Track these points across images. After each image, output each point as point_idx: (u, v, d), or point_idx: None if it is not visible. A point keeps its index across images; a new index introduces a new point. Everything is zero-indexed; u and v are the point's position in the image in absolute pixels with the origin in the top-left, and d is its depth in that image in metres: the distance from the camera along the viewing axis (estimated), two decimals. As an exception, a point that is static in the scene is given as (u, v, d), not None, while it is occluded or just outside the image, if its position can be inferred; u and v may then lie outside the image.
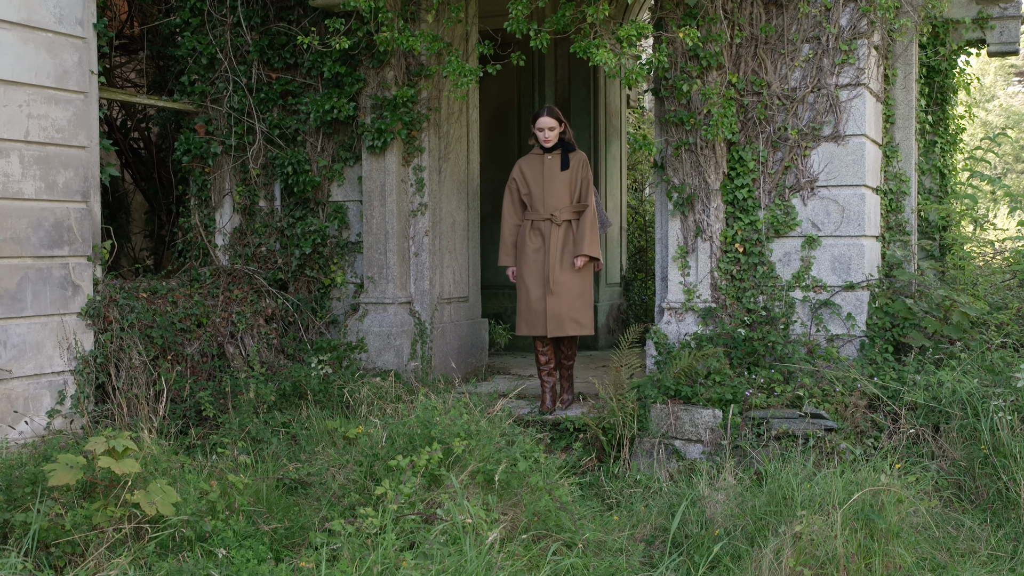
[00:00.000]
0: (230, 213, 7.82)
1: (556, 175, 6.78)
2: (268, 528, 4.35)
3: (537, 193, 6.81)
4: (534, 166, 6.87)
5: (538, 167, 6.85)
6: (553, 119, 6.77)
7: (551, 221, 6.75)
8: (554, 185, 6.77)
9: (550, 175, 6.79)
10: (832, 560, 3.96)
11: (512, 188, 6.95)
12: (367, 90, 7.37)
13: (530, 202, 6.86)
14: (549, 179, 6.79)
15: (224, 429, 5.99)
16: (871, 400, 5.87)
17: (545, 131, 6.74)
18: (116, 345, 6.31)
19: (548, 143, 6.79)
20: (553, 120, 6.77)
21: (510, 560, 3.81)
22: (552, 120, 6.76)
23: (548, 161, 6.83)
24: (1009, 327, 6.21)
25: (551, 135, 6.77)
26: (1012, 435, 5.05)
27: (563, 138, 6.83)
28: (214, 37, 7.61)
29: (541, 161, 6.85)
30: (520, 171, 6.93)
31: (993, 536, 4.69)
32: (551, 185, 6.78)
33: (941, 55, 8.44)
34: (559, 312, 6.70)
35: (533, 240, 6.82)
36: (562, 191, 6.77)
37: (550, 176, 6.79)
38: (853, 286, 6.63)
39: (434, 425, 4.69)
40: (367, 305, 7.41)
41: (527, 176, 6.87)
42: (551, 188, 6.77)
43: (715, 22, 6.66)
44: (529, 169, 6.88)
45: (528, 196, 6.86)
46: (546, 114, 6.78)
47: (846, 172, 6.66)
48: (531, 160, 6.92)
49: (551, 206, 6.76)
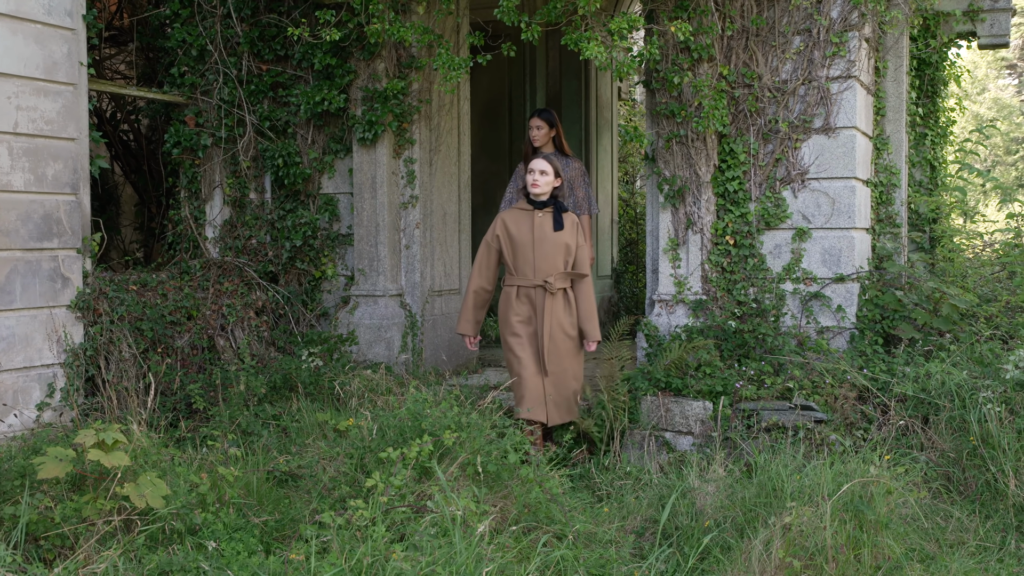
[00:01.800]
0: (220, 205, 7.80)
1: (548, 236, 5.99)
2: (258, 521, 4.35)
3: (525, 255, 5.98)
4: (522, 224, 6.04)
5: (526, 225, 6.02)
6: (547, 164, 6.08)
7: (544, 289, 5.94)
8: (546, 247, 5.96)
9: (541, 235, 5.99)
10: (821, 551, 3.98)
11: (492, 247, 6.08)
12: (358, 82, 7.35)
13: (515, 265, 6.03)
14: (541, 240, 5.97)
15: (214, 422, 5.98)
16: (861, 392, 5.89)
17: (535, 173, 6.06)
18: (106, 338, 6.29)
19: (537, 187, 6.05)
20: (547, 164, 6.08)
21: (500, 552, 3.81)
22: (546, 164, 6.08)
23: (539, 219, 6.03)
24: (998, 319, 6.23)
25: (541, 180, 6.05)
26: (1001, 427, 5.07)
27: (555, 194, 6.15)
28: (204, 28, 7.58)
29: (531, 219, 6.03)
30: (504, 228, 6.06)
31: (982, 527, 4.71)
32: (543, 247, 5.96)
33: (932, 48, 8.45)
34: (558, 397, 6.00)
35: (520, 309, 5.99)
36: (555, 254, 5.96)
37: (541, 237, 5.98)
38: (843, 278, 6.65)
39: (424, 417, 4.69)
40: (358, 297, 7.40)
41: (513, 235, 6.02)
42: (543, 250, 5.96)
43: (706, 14, 6.66)
44: (516, 226, 6.03)
45: (513, 258, 6.03)
46: (541, 158, 6.12)
47: (836, 164, 6.67)
48: (518, 216, 6.08)
49: (544, 271, 5.95)
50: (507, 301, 6.01)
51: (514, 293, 5.99)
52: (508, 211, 6.15)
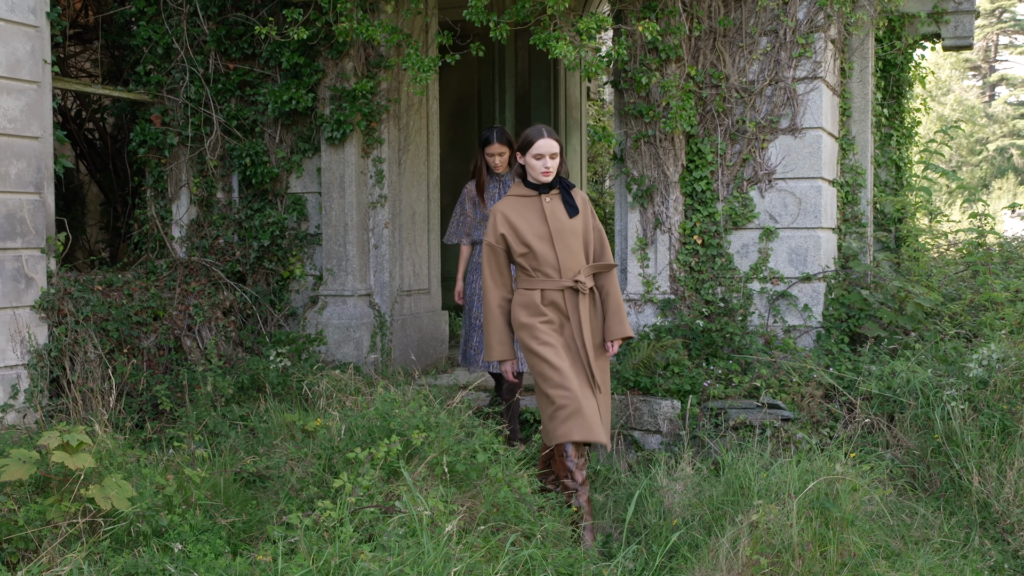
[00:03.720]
0: (187, 205, 7.74)
1: (566, 225, 4.90)
2: (225, 522, 4.31)
3: (545, 253, 4.86)
4: (528, 214, 4.91)
5: (535, 215, 4.90)
6: (555, 142, 4.91)
7: (576, 290, 4.88)
8: (567, 239, 4.88)
9: (558, 226, 4.88)
10: (788, 548, 4.00)
11: (498, 249, 4.93)
12: (326, 81, 7.32)
13: (531, 265, 4.89)
14: (559, 232, 4.87)
15: (181, 423, 5.94)
16: (827, 390, 5.93)
17: (546, 158, 4.86)
18: (71, 338, 6.22)
19: (549, 175, 4.88)
20: (555, 143, 4.90)
21: (468, 551, 3.81)
22: (554, 143, 4.90)
23: (548, 206, 4.91)
24: (962, 318, 6.30)
25: (553, 164, 4.89)
26: (964, 424, 5.12)
27: (559, 172, 5.01)
28: (170, 27, 7.52)
29: (538, 207, 4.92)
30: (508, 224, 4.89)
31: (946, 524, 4.76)
32: (564, 239, 4.87)
33: (897, 49, 8.53)
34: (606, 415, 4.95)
35: (548, 314, 4.88)
36: (577, 245, 4.92)
37: (559, 228, 4.88)
38: (810, 277, 6.70)
39: (393, 417, 4.68)
40: (326, 297, 7.37)
41: (521, 230, 4.87)
42: (565, 244, 4.88)
43: (674, 15, 6.69)
44: (521, 219, 4.89)
45: (528, 258, 4.89)
46: (547, 136, 4.89)
47: (803, 165, 6.72)
48: (519, 207, 4.94)
49: (571, 269, 4.88)
50: (529, 305, 4.89)
51: (537, 298, 4.88)
52: (504, 201, 4.99)
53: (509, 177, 6.30)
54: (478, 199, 6.43)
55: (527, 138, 4.87)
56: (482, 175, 6.40)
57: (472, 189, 6.46)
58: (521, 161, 4.92)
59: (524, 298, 4.91)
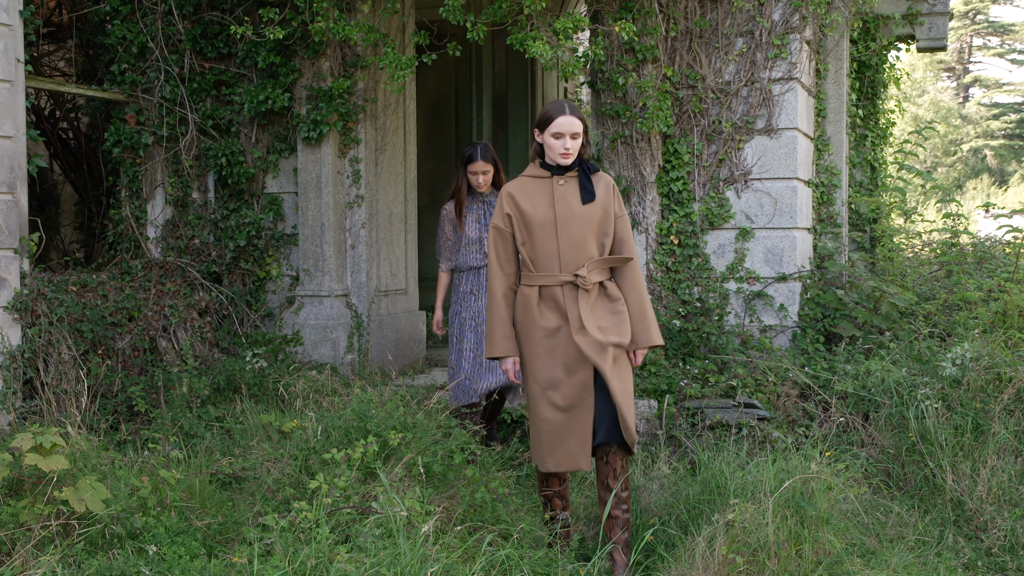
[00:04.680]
0: (162, 205, 7.69)
1: (576, 212, 4.37)
2: (201, 524, 4.29)
3: (546, 241, 4.36)
4: (536, 197, 4.41)
5: (543, 199, 4.39)
6: (578, 120, 4.36)
7: (575, 285, 4.34)
8: (573, 228, 4.36)
9: (566, 212, 4.36)
10: (764, 547, 4.02)
11: (505, 232, 4.44)
12: (302, 81, 7.29)
13: (532, 256, 4.39)
14: (566, 219, 4.35)
15: (156, 424, 5.90)
16: (803, 389, 5.96)
17: (566, 138, 4.32)
18: (44, 339, 6.17)
19: (568, 156, 4.35)
20: (578, 122, 4.36)
21: (445, 552, 3.81)
22: (577, 122, 4.35)
23: (560, 190, 4.39)
24: (936, 317, 6.35)
25: (574, 145, 4.35)
26: (938, 423, 5.16)
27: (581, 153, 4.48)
28: (145, 25, 7.48)
29: (548, 189, 4.40)
30: (515, 206, 4.42)
31: (920, 522, 4.80)
32: (569, 228, 4.36)
33: (872, 50, 8.59)
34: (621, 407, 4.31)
35: (545, 316, 4.37)
36: (586, 237, 4.37)
37: (567, 214, 4.35)
38: (785, 277, 6.73)
39: (370, 418, 4.67)
40: (303, 298, 7.35)
41: (527, 212, 4.38)
42: (570, 233, 4.35)
43: (650, 16, 6.70)
44: (529, 202, 4.40)
45: (530, 246, 4.40)
46: (569, 113, 4.34)
47: (779, 165, 6.75)
48: (530, 188, 4.44)
49: (571, 261, 4.34)
50: (526, 306, 4.41)
51: (535, 296, 4.39)
52: (515, 182, 4.51)
53: (493, 197, 6.00)
54: (457, 221, 6.03)
55: (546, 114, 4.36)
56: (462, 194, 6.00)
57: (451, 210, 6.06)
58: (539, 139, 4.41)
59: (522, 296, 4.45)
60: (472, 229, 6.02)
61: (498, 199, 4.50)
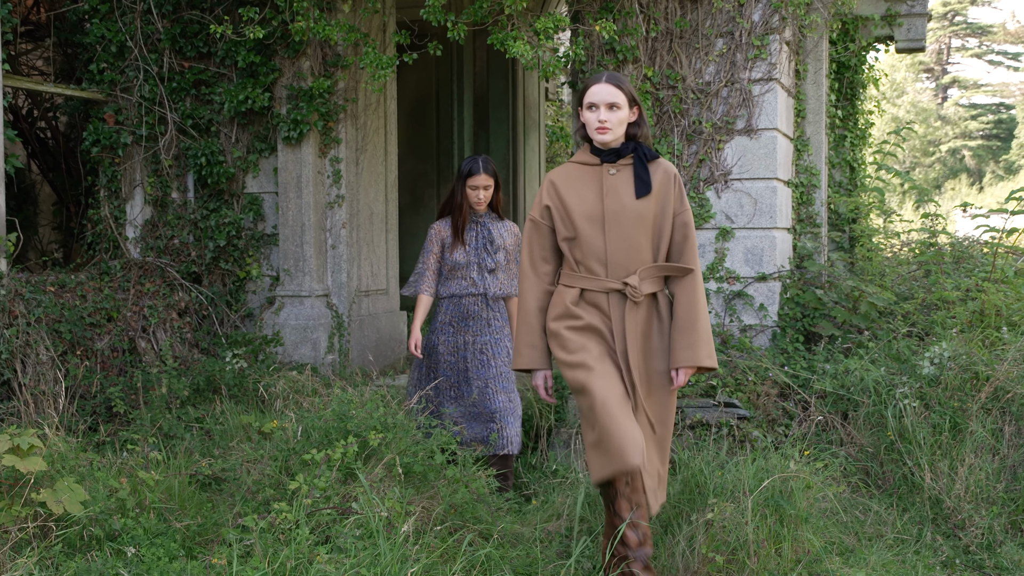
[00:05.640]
0: (141, 205, 7.65)
1: (628, 207, 3.79)
2: (180, 525, 4.27)
3: (592, 239, 3.80)
4: (583, 188, 3.86)
5: (591, 190, 3.84)
6: (617, 90, 3.82)
7: (623, 295, 3.79)
8: (624, 226, 3.79)
9: (616, 206, 3.80)
10: (743, 546, 4.04)
11: (541, 227, 3.92)
12: (282, 80, 7.27)
13: (574, 254, 3.85)
14: (616, 215, 3.79)
15: (135, 425, 5.87)
16: (782, 389, 5.99)
17: (600, 109, 3.80)
18: (22, 340, 6.13)
19: (606, 131, 3.80)
20: (614, 91, 3.81)
21: (425, 552, 3.80)
22: (612, 91, 3.81)
23: (609, 180, 3.83)
24: (914, 316, 6.39)
25: (612, 118, 3.80)
26: (916, 421, 5.19)
27: (633, 134, 3.89)
28: (123, 24, 7.44)
29: (597, 179, 3.85)
30: (557, 196, 3.87)
31: (899, 520, 4.83)
32: (619, 226, 3.79)
33: (851, 51, 8.63)
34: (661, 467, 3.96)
35: (588, 320, 3.81)
36: (639, 237, 3.80)
37: (616, 208, 3.80)
38: (765, 277, 6.76)
39: (350, 418, 4.66)
40: (283, 298, 7.32)
41: (570, 205, 3.83)
42: (620, 232, 3.78)
43: (631, 16, 6.72)
44: (574, 192, 3.85)
45: (574, 244, 3.84)
46: (604, 80, 3.83)
47: (758, 165, 6.77)
48: (575, 176, 3.90)
49: (620, 266, 3.78)
50: (562, 307, 3.84)
51: (572, 297, 3.83)
52: (560, 168, 3.96)
53: (488, 219, 5.56)
54: (451, 241, 5.51)
55: (584, 86, 3.86)
56: (464, 213, 5.47)
57: (442, 230, 5.56)
58: (581, 119, 3.87)
59: (558, 296, 3.85)
60: (459, 253, 5.51)
61: (540, 190, 3.95)
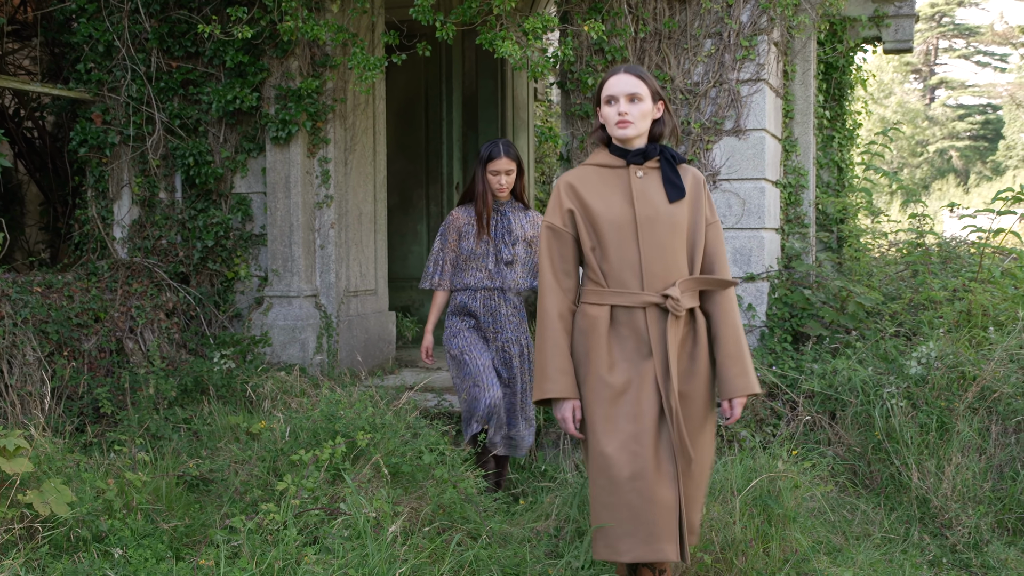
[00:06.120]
0: (129, 205, 7.63)
1: (661, 211, 3.43)
2: (168, 526, 4.26)
3: (622, 248, 3.41)
4: (607, 191, 3.47)
5: (618, 194, 3.45)
6: (640, 80, 3.47)
7: (662, 311, 3.39)
8: (659, 232, 3.41)
9: (649, 211, 3.42)
10: (731, 545, 4.05)
11: (563, 235, 3.50)
12: (271, 80, 7.26)
13: (602, 266, 3.44)
14: (649, 220, 3.41)
15: (122, 426, 5.85)
16: (770, 389, 6.00)
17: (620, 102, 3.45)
18: (9, 341, 6.10)
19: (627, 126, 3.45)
20: (637, 82, 3.47)
21: (413, 552, 3.80)
22: (634, 82, 3.47)
23: (638, 183, 3.46)
24: (902, 316, 6.41)
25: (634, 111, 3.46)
26: (904, 421, 5.21)
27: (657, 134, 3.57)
28: (111, 24, 7.41)
29: (623, 182, 3.47)
30: (577, 199, 3.48)
31: (886, 519, 4.84)
32: (654, 232, 3.40)
33: (839, 52, 8.65)
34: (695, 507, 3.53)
35: (621, 344, 3.42)
36: (676, 245, 3.43)
37: (649, 214, 3.42)
38: (754, 277, 6.77)
39: (338, 419, 4.66)
40: (272, 298, 7.31)
41: (595, 211, 3.44)
42: (655, 239, 3.40)
43: (619, 16, 6.72)
44: (597, 196, 3.46)
45: (601, 254, 3.44)
46: (624, 72, 3.50)
47: (747, 166, 6.78)
48: (596, 178, 3.51)
49: (657, 277, 3.38)
50: (592, 328, 3.42)
51: (604, 320, 3.41)
52: (576, 171, 3.56)
53: (508, 207, 5.30)
54: (476, 229, 5.21)
55: (601, 81, 3.52)
56: (487, 200, 5.16)
57: (460, 216, 5.28)
58: (601, 119, 3.53)
59: (585, 319, 3.43)
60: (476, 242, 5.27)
61: (554, 191, 3.53)
